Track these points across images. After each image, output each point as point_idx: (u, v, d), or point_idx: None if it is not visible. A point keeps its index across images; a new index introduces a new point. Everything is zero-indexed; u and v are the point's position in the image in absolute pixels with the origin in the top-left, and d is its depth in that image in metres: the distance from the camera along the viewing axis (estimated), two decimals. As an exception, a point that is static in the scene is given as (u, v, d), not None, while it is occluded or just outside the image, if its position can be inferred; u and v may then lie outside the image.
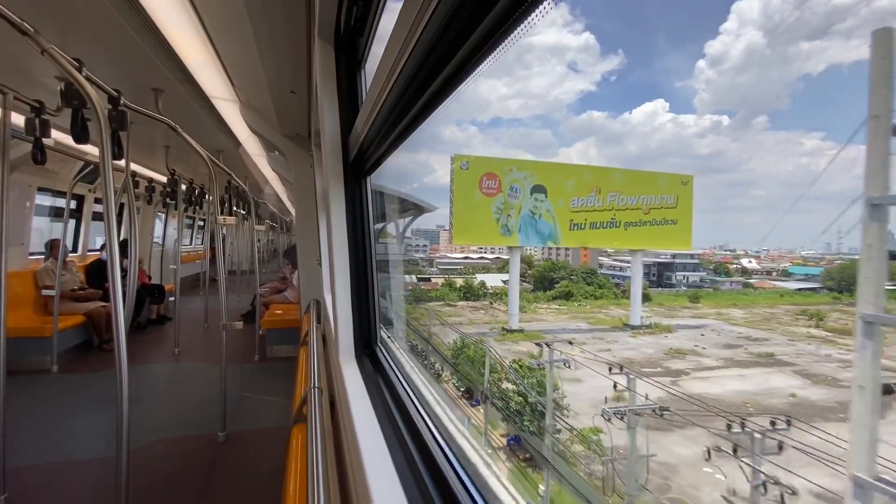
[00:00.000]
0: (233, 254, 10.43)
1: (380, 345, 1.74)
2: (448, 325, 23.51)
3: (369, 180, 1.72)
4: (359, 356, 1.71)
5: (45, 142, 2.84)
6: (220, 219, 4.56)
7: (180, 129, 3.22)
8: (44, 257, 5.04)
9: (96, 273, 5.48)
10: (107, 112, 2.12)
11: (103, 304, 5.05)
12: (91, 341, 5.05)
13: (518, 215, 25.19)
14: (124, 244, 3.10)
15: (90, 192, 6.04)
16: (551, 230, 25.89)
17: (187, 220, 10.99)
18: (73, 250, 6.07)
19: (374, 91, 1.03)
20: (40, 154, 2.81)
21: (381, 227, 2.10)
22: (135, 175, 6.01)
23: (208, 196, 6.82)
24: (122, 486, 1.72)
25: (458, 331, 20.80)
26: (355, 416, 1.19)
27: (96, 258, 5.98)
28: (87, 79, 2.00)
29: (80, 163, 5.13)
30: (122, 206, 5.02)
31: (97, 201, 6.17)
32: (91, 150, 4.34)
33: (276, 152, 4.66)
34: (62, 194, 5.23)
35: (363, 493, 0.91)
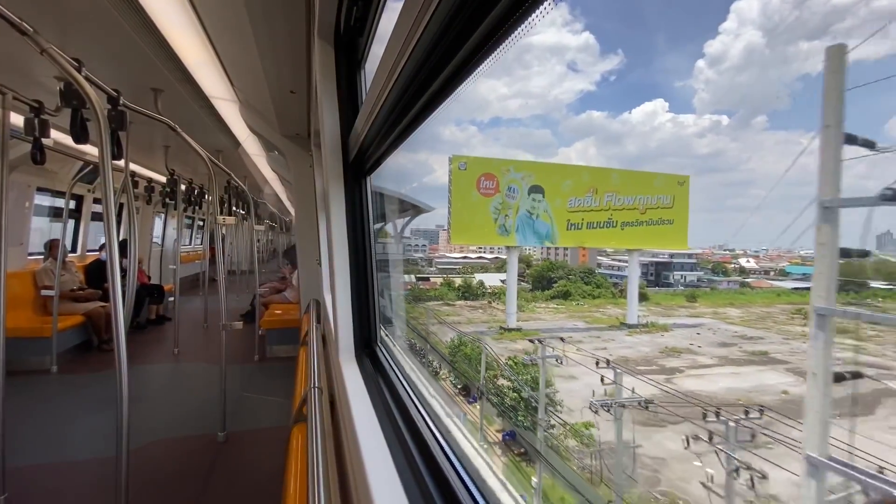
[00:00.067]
0: (232, 254, 10.42)
1: (380, 344, 1.74)
2: (446, 324, 23.59)
3: (369, 180, 1.72)
4: (359, 356, 1.71)
5: (45, 142, 2.83)
6: (220, 219, 4.56)
7: (180, 129, 3.22)
8: (43, 257, 5.04)
9: (95, 273, 5.47)
10: (106, 112, 2.12)
11: (103, 304, 5.05)
12: (90, 341, 5.04)
13: (516, 215, 25.23)
14: (124, 244, 3.10)
15: (89, 192, 6.03)
16: (548, 230, 25.95)
17: (187, 220, 10.99)
18: (73, 250, 6.06)
19: (374, 91, 1.04)
20: (39, 154, 2.81)
21: (380, 227, 2.10)
22: (134, 175, 6.01)
23: (208, 196, 6.81)
24: (122, 487, 1.72)
25: (456, 329, 20.91)
26: (355, 415, 1.19)
27: (96, 258, 5.98)
28: (87, 79, 2.00)
29: (80, 163, 5.12)
30: (121, 206, 5.02)
31: (96, 201, 6.17)
32: (90, 150, 4.34)
33: (276, 152, 4.65)
34: (61, 194, 5.22)
35: (363, 492, 0.91)
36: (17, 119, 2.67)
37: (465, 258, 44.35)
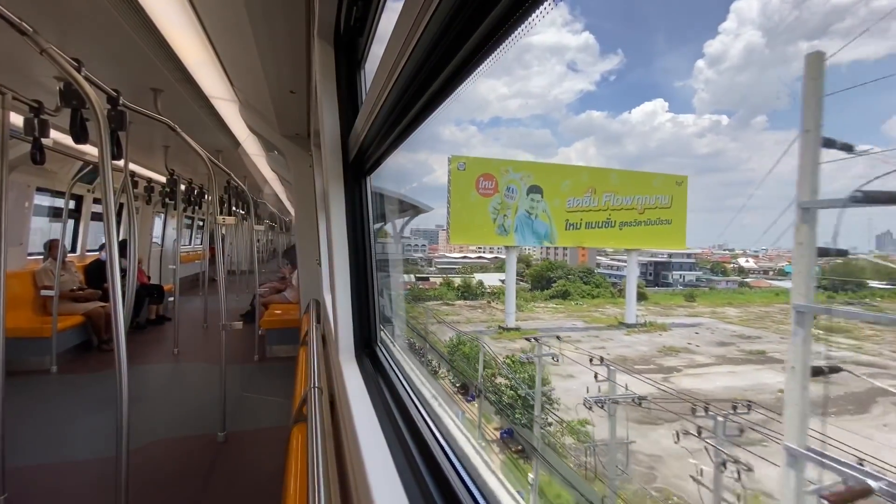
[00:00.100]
0: (232, 254, 10.42)
1: (380, 345, 1.74)
2: (446, 323, 23.64)
3: (369, 180, 1.72)
4: (359, 356, 1.71)
5: (44, 142, 2.83)
6: (220, 219, 4.56)
7: (179, 129, 3.21)
8: (43, 257, 5.04)
9: (95, 273, 5.47)
10: (106, 112, 2.12)
11: (102, 304, 5.05)
12: (90, 342, 5.04)
13: (514, 215, 25.27)
14: (123, 244, 3.10)
15: (89, 192, 6.03)
16: (547, 230, 25.99)
17: (186, 220, 10.98)
18: (72, 250, 6.06)
19: (374, 91, 1.04)
20: (39, 154, 2.81)
21: (379, 226, 2.10)
22: (134, 175, 6.01)
23: (207, 196, 6.81)
24: (122, 487, 1.72)
25: (455, 329, 20.98)
26: (355, 415, 1.19)
27: (95, 258, 5.97)
28: (86, 79, 2.00)
29: (79, 163, 5.12)
30: (121, 206, 5.02)
31: (96, 201, 6.17)
32: (90, 150, 4.33)
33: (276, 152, 4.65)
34: (61, 194, 5.22)
35: (364, 492, 0.91)
36: (16, 119, 2.67)
37: (464, 258, 44.33)
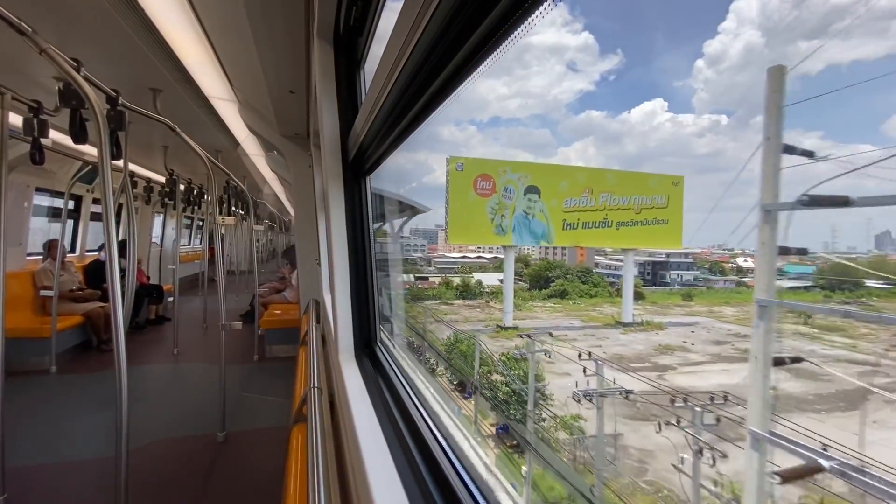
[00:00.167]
0: (231, 254, 10.41)
1: (379, 345, 1.74)
2: (444, 322, 23.74)
3: (369, 180, 1.72)
4: (358, 356, 1.71)
5: (44, 142, 2.83)
6: (219, 219, 4.56)
7: (178, 129, 3.21)
8: (42, 258, 5.03)
9: (95, 273, 5.47)
10: (105, 112, 2.12)
11: (102, 304, 5.04)
12: (90, 342, 5.04)
13: (512, 215, 25.39)
14: (123, 244, 3.09)
15: (88, 192, 6.02)
16: (545, 230, 26.12)
17: (186, 221, 10.97)
18: (72, 251, 6.05)
19: (374, 91, 1.04)
20: (38, 154, 2.80)
21: (378, 226, 2.10)
22: (133, 175, 6.00)
23: (207, 196, 6.81)
24: (122, 487, 1.72)
25: (453, 327, 21.10)
26: (355, 415, 1.19)
27: (95, 258, 5.97)
28: (86, 79, 2.00)
29: (79, 163, 5.12)
30: (120, 206, 5.02)
31: (95, 201, 6.16)
32: (89, 150, 4.33)
33: (275, 152, 4.65)
34: (60, 194, 5.21)
35: (364, 492, 0.91)
36: (15, 119, 2.67)
37: (464, 258, 44.35)
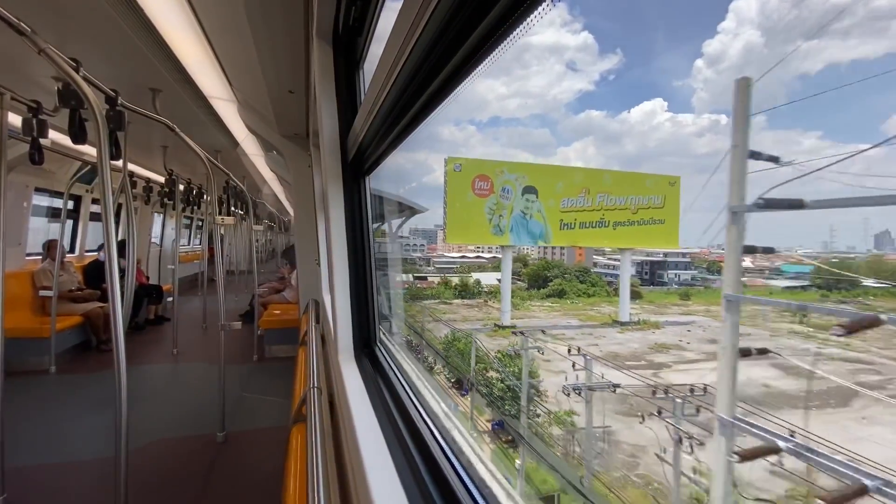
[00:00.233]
0: (231, 254, 10.41)
1: (379, 344, 1.74)
2: (443, 321, 23.84)
3: (368, 180, 1.72)
4: (358, 356, 1.71)
5: (43, 142, 2.83)
6: (219, 219, 4.56)
7: (178, 129, 3.20)
8: (41, 258, 5.03)
9: (94, 273, 5.46)
10: (104, 112, 2.12)
11: (101, 304, 5.04)
12: (89, 342, 5.03)
13: (510, 215, 25.48)
14: (122, 244, 3.09)
15: (88, 192, 6.02)
16: (542, 230, 26.21)
17: (185, 221, 10.97)
18: (71, 251, 6.05)
19: (373, 91, 1.04)
20: (38, 154, 2.80)
21: (378, 226, 2.11)
22: (132, 175, 5.99)
23: (206, 196, 6.80)
24: (122, 487, 1.71)
25: (451, 326, 21.19)
26: (355, 415, 1.19)
27: (94, 258, 5.97)
28: (85, 79, 1.99)
29: (78, 163, 5.11)
30: (119, 206, 5.02)
31: (95, 201, 6.15)
32: (89, 150, 4.32)
33: (275, 152, 4.65)
34: (59, 194, 5.21)
35: (363, 492, 0.91)
36: (15, 119, 2.66)
37: (463, 258, 44.36)
